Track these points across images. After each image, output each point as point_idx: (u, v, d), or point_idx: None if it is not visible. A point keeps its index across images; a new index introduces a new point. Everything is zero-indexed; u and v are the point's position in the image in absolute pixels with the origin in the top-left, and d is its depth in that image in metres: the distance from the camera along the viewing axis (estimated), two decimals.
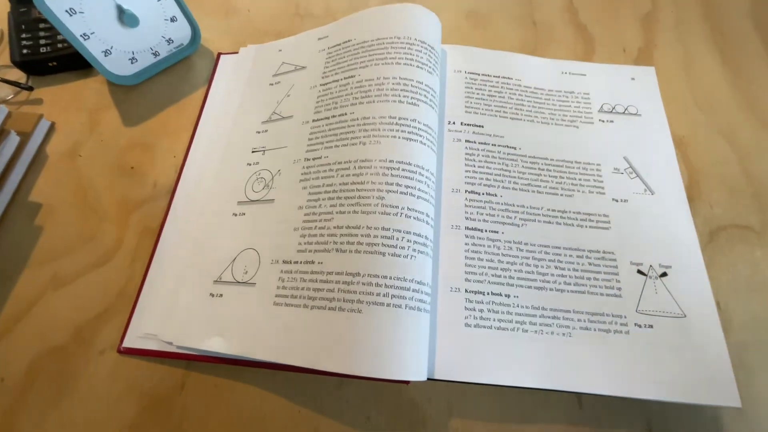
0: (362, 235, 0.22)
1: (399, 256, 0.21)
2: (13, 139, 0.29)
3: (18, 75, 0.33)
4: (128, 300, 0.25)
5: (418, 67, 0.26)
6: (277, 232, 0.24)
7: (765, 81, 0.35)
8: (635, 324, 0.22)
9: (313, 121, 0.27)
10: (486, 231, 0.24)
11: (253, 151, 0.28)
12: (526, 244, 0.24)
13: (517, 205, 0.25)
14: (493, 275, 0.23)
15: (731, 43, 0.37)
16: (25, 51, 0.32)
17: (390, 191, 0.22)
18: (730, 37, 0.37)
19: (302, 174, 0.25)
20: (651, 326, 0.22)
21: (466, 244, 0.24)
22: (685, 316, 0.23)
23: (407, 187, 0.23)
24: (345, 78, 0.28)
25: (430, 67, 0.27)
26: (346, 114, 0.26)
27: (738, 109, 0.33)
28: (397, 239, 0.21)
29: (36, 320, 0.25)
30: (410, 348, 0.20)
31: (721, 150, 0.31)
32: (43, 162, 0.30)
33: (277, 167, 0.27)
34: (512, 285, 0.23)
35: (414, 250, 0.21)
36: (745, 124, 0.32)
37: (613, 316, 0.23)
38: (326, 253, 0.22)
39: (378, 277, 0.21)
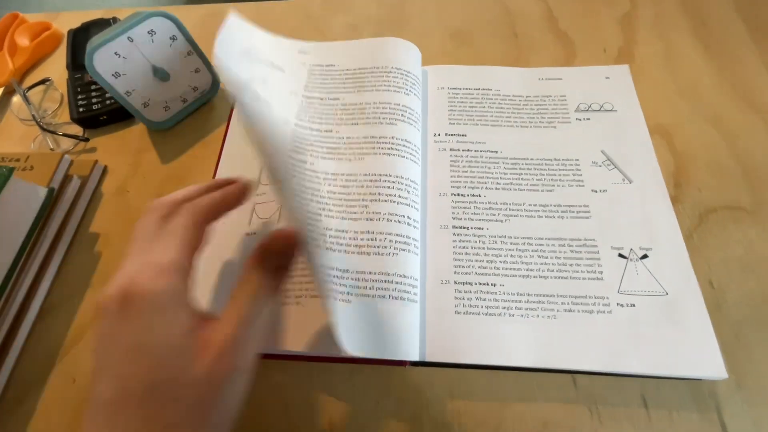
0: (350, 238, 0.25)
1: (382, 254, 0.24)
2: (75, 183, 0.35)
3: (76, 129, 0.39)
4: None
5: (395, 91, 0.30)
6: None
7: (752, 64, 0.35)
8: (617, 303, 0.24)
9: (296, 125, 0.30)
10: (472, 228, 0.27)
11: None
12: (510, 237, 0.26)
13: (500, 203, 0.28)
14: (479, 267, 0.26)
15: (714, 31, 0.37)
16: (81, 109, 0.39)
17: (373, 200, 0.26)
18: (712, 26, 0.38)
19: None
20: (633, 305, 0.24)
21: (453, 241, 0.27)
22: (667, 294, 0.24)
23: (388, 195, 0.26)
24: (330, 99, 0.32)
25: (406, 89, 0.31)
26: (332, 131, 0.30)
27: (724, 94, 0.34)
28: (380, 240, 0.25)
29: None
30: (396, 332, 0.23)
31: (708, 135, 0.32)
32: (99, 199, 0.36)
33: None
34: (498, 275, 0.25)
35: (396, 248, 0.25)
36: (732, 108, 0.33)
37: (595, 297, 0.24)
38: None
39: (364, 273, 0.24)
